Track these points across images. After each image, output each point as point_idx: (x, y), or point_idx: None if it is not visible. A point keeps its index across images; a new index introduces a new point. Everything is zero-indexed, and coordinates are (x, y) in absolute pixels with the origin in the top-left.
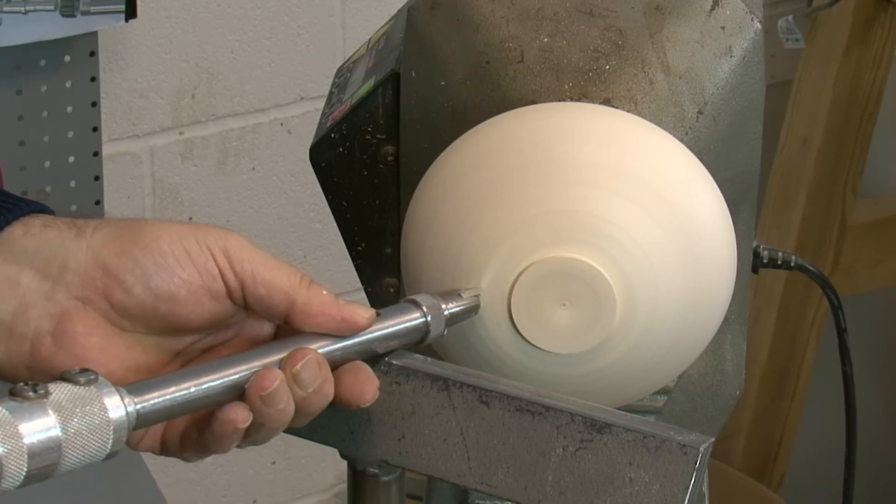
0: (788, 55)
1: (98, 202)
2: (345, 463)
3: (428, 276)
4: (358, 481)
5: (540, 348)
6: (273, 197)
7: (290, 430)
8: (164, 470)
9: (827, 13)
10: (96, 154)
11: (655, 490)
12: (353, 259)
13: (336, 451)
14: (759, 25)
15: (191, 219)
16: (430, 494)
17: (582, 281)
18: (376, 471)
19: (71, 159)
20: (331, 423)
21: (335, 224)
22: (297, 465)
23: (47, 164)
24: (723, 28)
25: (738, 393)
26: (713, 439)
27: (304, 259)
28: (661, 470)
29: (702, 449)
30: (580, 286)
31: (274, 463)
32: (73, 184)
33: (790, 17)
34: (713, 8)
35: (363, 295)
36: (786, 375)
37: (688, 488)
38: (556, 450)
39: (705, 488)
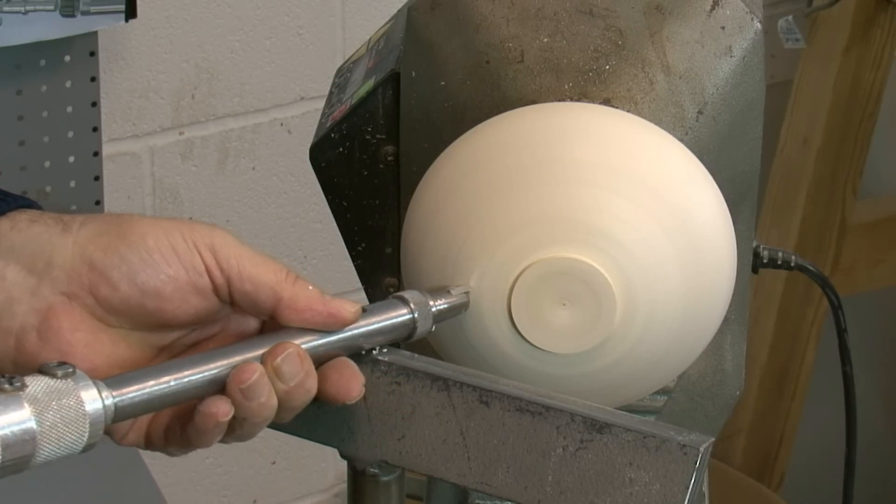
0: (788, 55)
1: (98, 202)
2: (345, 463)
3: (428, 276)
4: (358, 481)
5: (540, 348)
6: (273, 197)
7: (291, 431)
8: (164, 470)
9: (827, 13)
10: (96, 154)
11: (655, 490)
12: (353, 259)
13: (336, 451)
14: (759, 25)
15: (191, 218)
16: (430, 494)
17: (582, 281)
18: (376, 471)
19: (71, 159)
20: (331, 423)
21: (335, 224)
22: (297, 465)
23: (47, 164)
24: (723, 28)
25: (738, 393)
26: (713, 439)
27: (304, 259)
28: (661, 470)
29: (702, 449)
30: (580, 286)
31: (274, 463)
32: (73, 184)
33: (790, 17)
34: (713, 8)
35: (363, 295)
36: (786, 375)
37: (688, 488)
38: (556, 450)
39: (705, 488)
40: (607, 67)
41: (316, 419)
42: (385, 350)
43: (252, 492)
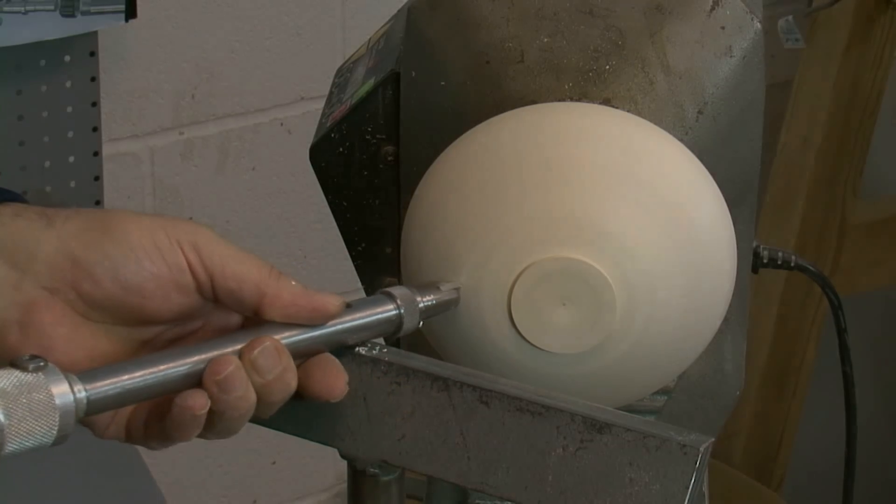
0: (788, 55)
1: (98, 202)
2: (345, 463)
3: (428, 276)
4: (358, 481)
5: (540, 348)
6: (273, 197)
7: (291, 431)
8: (164, 470)
9: (827, 13)
10: (96, 154)
11: (655, 490)
12: (353, 259)
13: (336, 451)
14: (759, 25)
15: (191, 218)
16: (430, 494)
17: (582, 281)
18: (376, 471)
19: (71, 159)
20: (331, 423)
21: (335, 224)
22: (297, 465)
23: (47, 164)
24: (723, 28)
25: (738, 393)
26: (713, 439)
27: (304, 259)
28: (661, 470)
29: (702, 449)
30: (580, 286)
31: (274, 463)
32: (73, 184)
33: (790, 17)
34: (713, 8)
35: (363, 295)
36: (786, 375)
37: (688, 488)
38: (556, 450)
39: (705, 488)
40: (607, 67)
41: (316, 419)
42: (385, 350)
43: (252, 492)
